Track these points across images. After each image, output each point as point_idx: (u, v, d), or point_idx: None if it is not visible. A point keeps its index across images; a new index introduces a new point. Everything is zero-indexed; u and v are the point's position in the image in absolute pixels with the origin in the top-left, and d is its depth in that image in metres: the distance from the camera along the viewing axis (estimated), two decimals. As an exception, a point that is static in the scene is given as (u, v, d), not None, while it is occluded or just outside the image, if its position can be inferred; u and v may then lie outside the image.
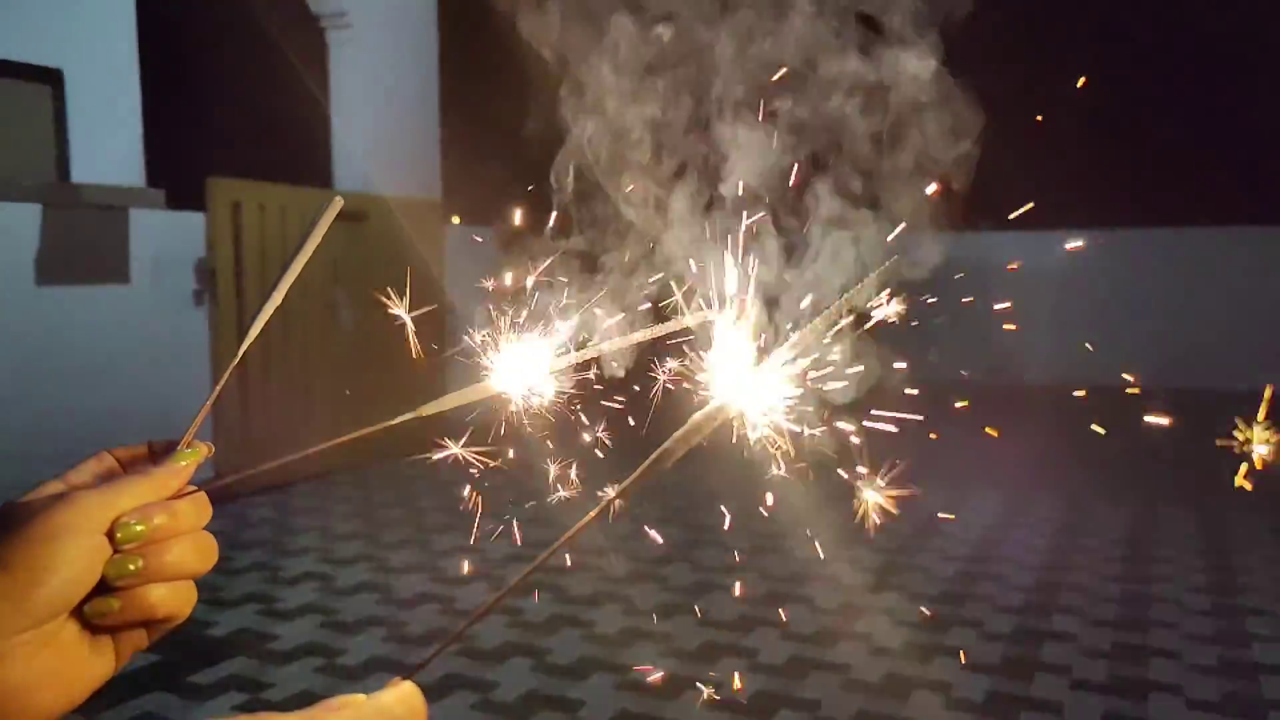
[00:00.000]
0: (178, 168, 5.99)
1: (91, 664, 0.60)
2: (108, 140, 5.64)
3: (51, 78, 5.39)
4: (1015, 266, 8.58)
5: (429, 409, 0.68)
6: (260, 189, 6.24)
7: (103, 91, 5.59)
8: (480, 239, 7.51)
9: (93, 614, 0.59)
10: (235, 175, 6.13)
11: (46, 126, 5.44)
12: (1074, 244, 8.54)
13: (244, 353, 0.74)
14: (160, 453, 0.66)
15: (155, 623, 0.61)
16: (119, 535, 0.58)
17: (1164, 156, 8.49)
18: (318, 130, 7.50)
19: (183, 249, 5.91)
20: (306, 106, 7.21)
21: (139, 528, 0.59)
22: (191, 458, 0.65)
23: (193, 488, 0.65)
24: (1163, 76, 8.44)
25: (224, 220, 6.01)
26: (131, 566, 0.59)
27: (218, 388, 0.70)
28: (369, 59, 7.51)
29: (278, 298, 0.75)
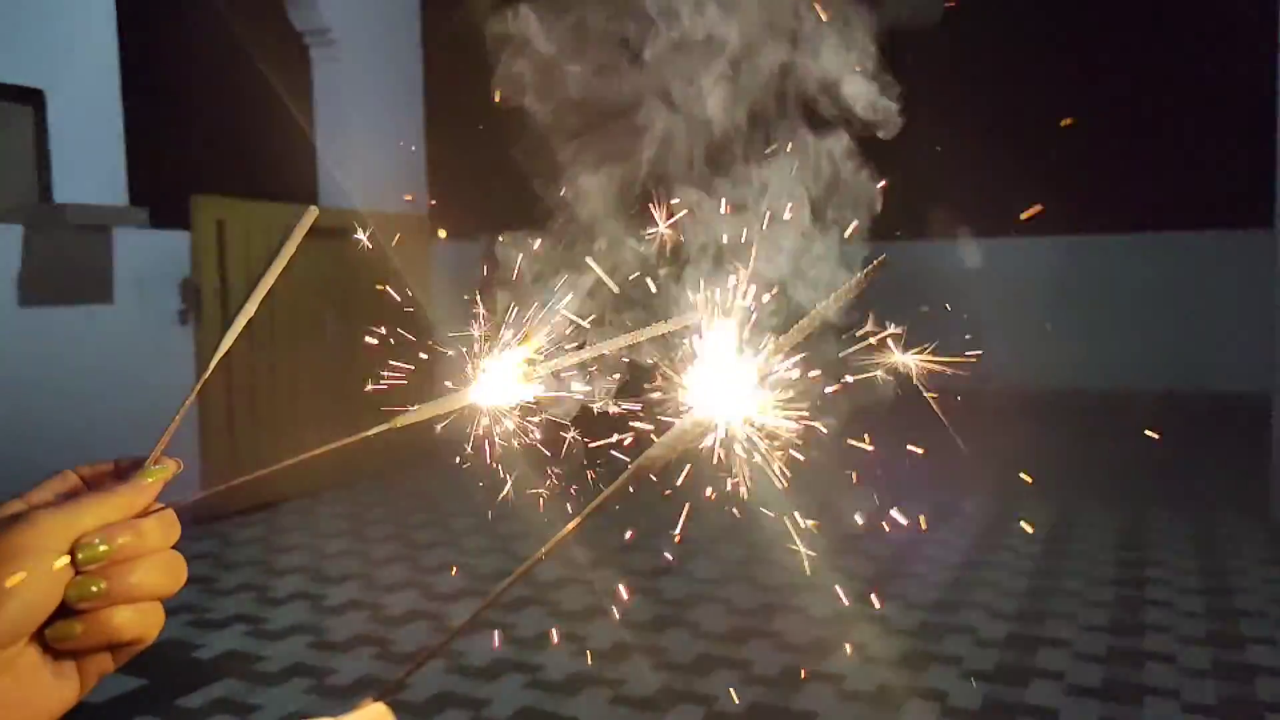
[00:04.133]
0: (161, 186, 5.96)
1: (55, 689, 0.57)
2: (90, 160, 5.60)
3: (33, 98, 5.35)
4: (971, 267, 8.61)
5: (402, 420, 0.67)
6: (245, 207, 6.21)
7: (85, 111, 5.55)
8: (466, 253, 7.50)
9: (55, 638, 0.56)
10: (219, 193, 6.10)
11: (28, 147, 5.40)
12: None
13: (216, 365, 0.72)
14: (127, 470, 0.64)
15: (121, 646, 0.59)
16: (80, 556, 0.56)
17: (1158, 162, 8.54)
18: (302, 147, 7.48)
19: (167, 268, 5.87)
20: (291, 123, 7.19)
21: (102, 547, 0.57)
22: (159, 475, 0.63)
23: (160, 506, 0.62)
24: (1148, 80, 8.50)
25: (208, 238, 5.97)
26: (94, 588, 0.56)
27: (186, 402, 0.68)
28: (353, 75, 7.50)
29: (250, 309, 0.74)
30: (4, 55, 5.17)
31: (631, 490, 0.61)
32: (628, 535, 4.99)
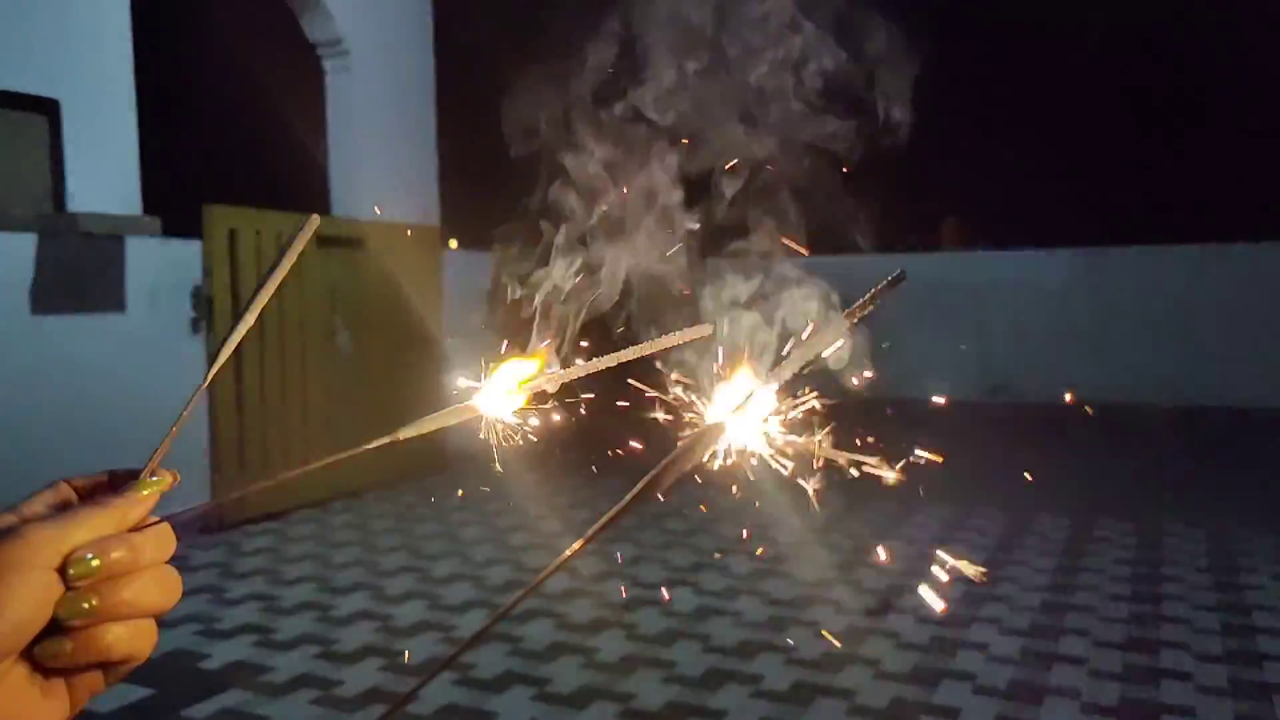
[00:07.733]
0: (174, 195, 5.97)
1: (43, 709, 0.56)
2: (104, 169, 5.63)
3: (47, 107, 5.38)
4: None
5: (405, 432, 0.65)
6: (257, 216, 6.22)
7: (99, 120, 5.58)
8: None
9: (44, 656, 0.54)
10: (232, 202, 6.11)
11: (42, 156, 5.43)
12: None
13: (213, 376, 0.70)
14: (122, 481, 0.62)
15: (112, 664, 0.57)
16: (71, 571, 0.54)
17: (1164, 174, 8.50)
18: (314, 157, 7.51)
19: (179, 276, 5.88)
20: (303, 133, 7.22)
21: (94, 563, 0.55)
22: (155, 487, 0.61)
23: (155, 519, 0.61)
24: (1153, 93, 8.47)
25: (220, 247, 5.98)
26: (85, 605, 0.54)
27: (183, 415, 0.67)
28: (366, 86, 7.52)
29: (250, 319, 0.72)
30: (19, 65, 5.20)
31: (642, 502, 0.59)
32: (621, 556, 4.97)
